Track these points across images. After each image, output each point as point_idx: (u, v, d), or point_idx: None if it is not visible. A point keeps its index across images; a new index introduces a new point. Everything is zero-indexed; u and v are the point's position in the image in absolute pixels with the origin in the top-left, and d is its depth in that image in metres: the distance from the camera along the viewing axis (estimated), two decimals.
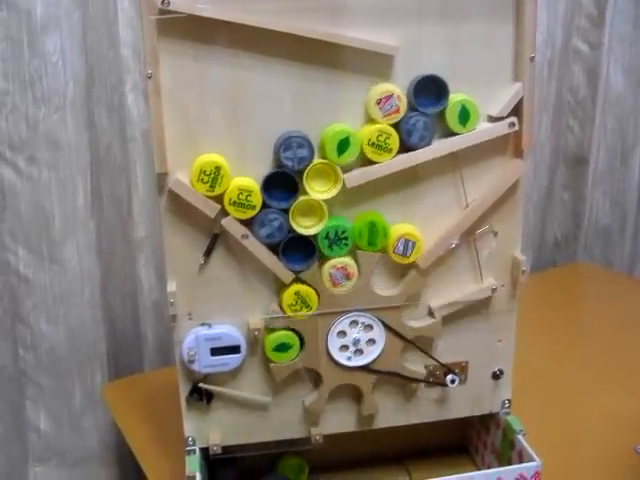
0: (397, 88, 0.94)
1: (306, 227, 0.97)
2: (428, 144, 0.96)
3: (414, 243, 0.99)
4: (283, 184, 0.96)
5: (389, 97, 0.93)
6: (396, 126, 0.95)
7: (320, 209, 0.97)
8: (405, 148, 0.96)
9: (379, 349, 1.05)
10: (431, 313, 1.05)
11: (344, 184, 0.95)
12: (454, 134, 0.97)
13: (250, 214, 0.95)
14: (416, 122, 0.95)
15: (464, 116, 0.96)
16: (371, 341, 1.04)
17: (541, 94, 1.87)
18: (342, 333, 1.03)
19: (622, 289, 1.82)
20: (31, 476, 1.57)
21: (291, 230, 0.97)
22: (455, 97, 0.95)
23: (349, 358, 1.05)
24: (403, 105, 0.94)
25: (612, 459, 1.20)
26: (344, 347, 1.04)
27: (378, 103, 0.93)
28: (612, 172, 1.99)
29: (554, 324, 1.64)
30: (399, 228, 1.00)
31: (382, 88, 0.93)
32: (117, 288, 1.57)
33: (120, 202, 1.53)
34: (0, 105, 1.36)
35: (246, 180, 0.94)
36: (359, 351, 1.05)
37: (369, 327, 1.04)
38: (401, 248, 0.99)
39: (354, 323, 1.03)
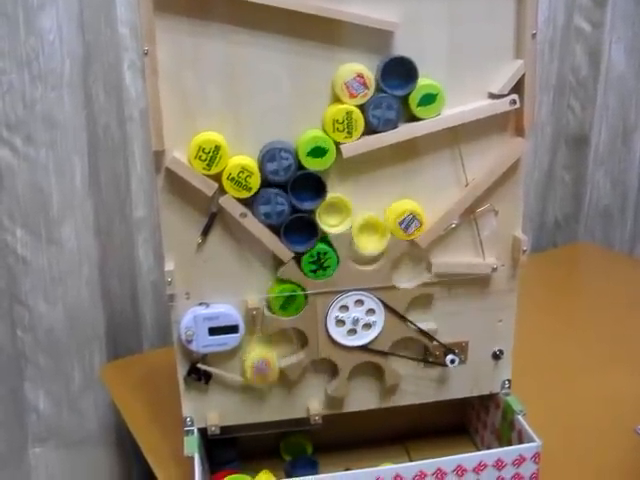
0: (367, 70, 0.92)
1: (331, 225, 0.99)
2: (395, 127, 0.95)
3: (417, 219, 0.99)
4: (308, 185, 0.96)
5: (361, 77, 0.92)
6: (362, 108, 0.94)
7: (345, 207, 0.98)
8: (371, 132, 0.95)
9: (377, 331, 1.04)
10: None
11: (341, 154, 0.94)
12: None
13: (244, 194, 0.94)
14: (381, 103, 0.93)
15: (428, 101, 0.94)
16: (370, 321, 1.04)
17: (542, 74, 1.86)
18: (343, 309, 1.03)
19: (623, 269, 1.82)
20: (30, 457, 1.58)
21: (293, 211, 0.96)
22: (421, 81, 0.94)
23: (345, 336, 1.04)
24: (371, 87, 0.92)
25: (612, 440, 1.20)
26: (341, 323, 1.03)
27: (347, 87, 0.92)
28: (613, 152, 1.98)
29: (555, 305, 1.64)
30: (402, 205, 0.99)
31: (354, 67, 0.92)
32: (115, 268, 1.56)
33: (118, 182, 1.52)
34: None
35: (249, 161, 0.93)
36: (355, 331, 1.04)
37: (371, 309, 1.03)
38: (404, 225, 0.99)
39: (358, 302, 1.03)
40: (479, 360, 1.10)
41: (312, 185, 0.96)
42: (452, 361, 1.07)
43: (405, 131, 0.95)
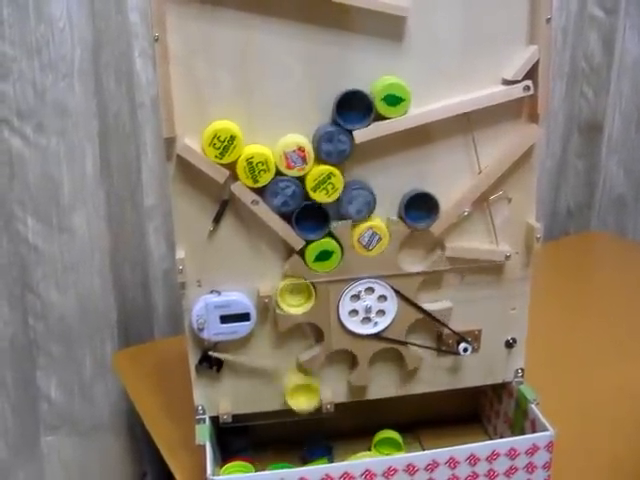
0: (305, 140, 0.93)
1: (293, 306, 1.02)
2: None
3: (379, 237, 0.99)
4: (313, 214, 0.97)
5: (302, 150, 0.93)
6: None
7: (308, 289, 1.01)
8: None
9: (390, 318, 1.04)
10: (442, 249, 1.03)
11: (354, 140, 0.93)
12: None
13: (249, 183, 0.93)
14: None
15: (393, 101, 0.93)
16: (382, 311, 1.04)
17: (555, 61, 1.85)
18: (355, 298, 1.02)
19: (636, 258, 1.81)
20: (43, 445, 1.58)
21: (305, 198, 0.96)
22: (384, 80, 0.92)
23: (359, 325, 1.04)
24: (311, 157, 0.93)
25: (626, 430, 1.20)
26: (354, 312, 1.03)
27: (286, 158, 0.93)
28: (627, 140, 1.97)
29: (568, 293, 1.63)
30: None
31: (297, 140, 0.93)
32: (127, 256, 1.56)
33: (129, 169, 1.52)
34: (7, 72, 1.35)
35: (269, 153, 0.93)
36: (369, 319, 1.04)
37: (382, 295, 1.03)
38: (366, 239, 0.99)
39: (369, 290, 1.02)
40: (492, 348, 1.09)
41: (316, 216, 0.97)
42: (465, 349, 1.07)
43: (418, 117, 0.94)
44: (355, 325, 1.04)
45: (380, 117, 0.93)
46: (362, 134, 0.93)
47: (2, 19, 1.31)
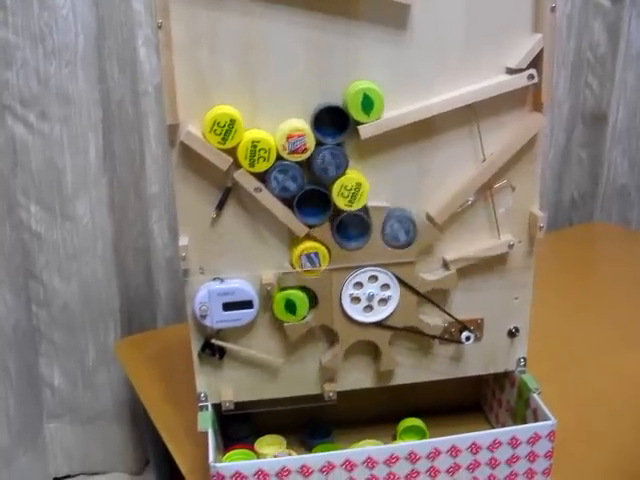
0: (305, 125, 0.93)
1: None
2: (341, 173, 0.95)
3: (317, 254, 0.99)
4: (315, 199, 0.97)
5: (300, 135, 0.92)
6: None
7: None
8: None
9: (394, 304, 1.04)
10: (446, 265, 1.03)
11: (359, 135, 0.93)
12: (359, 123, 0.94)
13: (245, 165, 0.93)
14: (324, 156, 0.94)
15: (368, 105, 0.92)
16: (385, 296, 1.03)
17: (559, 50, 1.84)
18: (356, 288, 1.02)
19: (639, 248, 1.80)
20: (45, 432, 1.59)
21: (307, 183, 0.96)
22: (358, 85, 0.92)
23: (364, 314, 1.04)
24: (311, 141, 0.93)
25: (627, 419, 1.19)
26: (358, 303, 1.03)
27: (288, 139, 0.92)
28: (631, 130, 1.96)
29: (570, 283, 1.63)
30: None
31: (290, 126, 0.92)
32: (130, 244, 1.56)
33: (133, 157, 1.52)
34: (10, 60, 1.35)
35: (273, 144, 0.92)
36: (374, 307, 1.03)
37: (383, 282, 1.03)
38: (307, 264, 0.99)
39: (369, 278, 1.02)
40: (495, 338, 1.09)
41: (319, 201, 0.97)
42: (467, 338, 1.07)
43: (423, 109, 0.94)
44: (362, 315, 1.04)
45: (357, 124, 0.93)
46: (369, 130, 0.93)
47: (5, 6, 1.32)
